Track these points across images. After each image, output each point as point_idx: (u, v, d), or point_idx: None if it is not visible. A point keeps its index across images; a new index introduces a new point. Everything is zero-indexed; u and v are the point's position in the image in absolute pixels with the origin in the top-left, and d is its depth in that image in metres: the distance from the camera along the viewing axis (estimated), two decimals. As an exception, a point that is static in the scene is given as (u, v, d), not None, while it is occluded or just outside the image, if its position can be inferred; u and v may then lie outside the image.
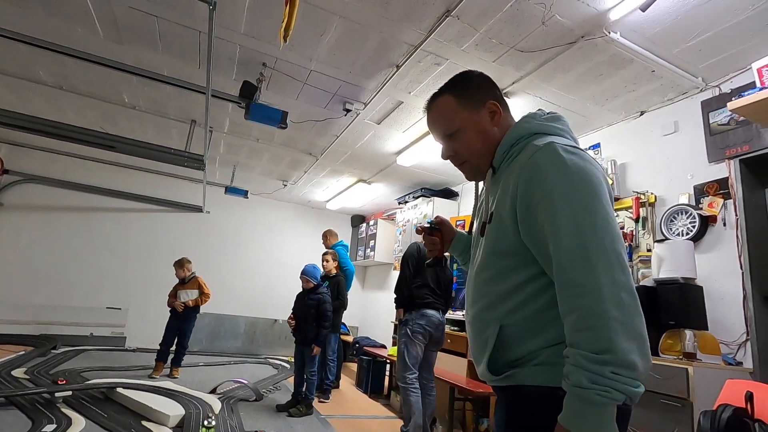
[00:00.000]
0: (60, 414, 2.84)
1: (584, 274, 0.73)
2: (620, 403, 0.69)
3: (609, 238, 0.75)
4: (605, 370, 0.68)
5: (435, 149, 4.18)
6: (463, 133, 0.99)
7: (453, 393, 3.15)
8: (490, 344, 0.87)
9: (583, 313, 0.72)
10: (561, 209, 0.78)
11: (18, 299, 5.63)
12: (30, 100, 4.16)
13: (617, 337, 0.68)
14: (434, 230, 1.20)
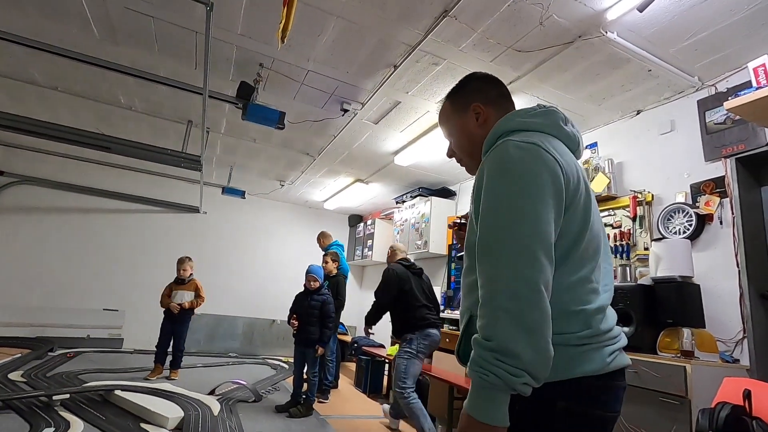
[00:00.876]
0: (58, 417, 2.82)
1: (488, 266, 0.77)
2: (504, 388, 0.71)
3: (522, 234, 0.76)
4: (489, 354, 0.71)
5: (432, 149, 4.20)
6: (455, 136, 1.07)
7: (452, 392, 3.16)
8: (460, 333, 0.92)
9: (482, 302, 0.76)
10: (486, 205, 0.82)
11: (13, 301, 5.59)
12: (24, 101, 4.12)
13: (502, 326, 0.71)
14: (464, 226, 1.23)
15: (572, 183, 0.84)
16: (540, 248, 0.75)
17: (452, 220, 5.02)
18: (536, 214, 0.77)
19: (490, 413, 0.72)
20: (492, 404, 0.72)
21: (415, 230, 5.32)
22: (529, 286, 0.73)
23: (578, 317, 0.81)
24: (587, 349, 0.81)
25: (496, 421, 0.71)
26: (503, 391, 0.71)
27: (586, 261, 0.85)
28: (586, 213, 0.86)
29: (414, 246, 5.27)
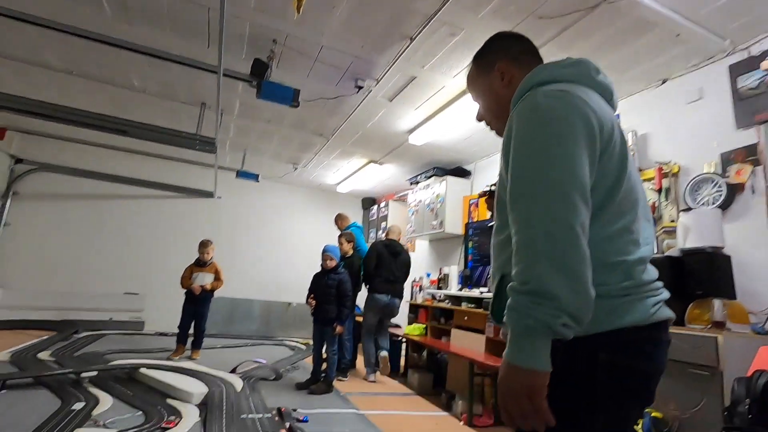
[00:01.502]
0: (87, 393, 2.90)
1: (521, 212, 0.76)
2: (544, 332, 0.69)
3: (555, 176, 0.74)
4: (526, 299, 0.70)
5: (448, 126, 4.12)
6: (482, 98, 1.06)
7: (472, 369, 3.16)
8: (493, 293, 0.90)
9: (516, 248, 0.75)
10: (517, 153, 0.80)
11: (38, 286, 5.73)
12: (39, 87, 4.15)
13: (538, 269, 0.70)
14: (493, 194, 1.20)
15: (606, 130, 0.81)
16: (574, 190, 0.73)
17: (468, 199, 4.97)
18: (569, 157, 0.75)
19: (531, 358, 0.70)
20: (532, 349, 0.70)
21: (430, 211, 5.28)
22: (564, 227, 0.71)
23: (619, 268, 0.79)
24: (630, 299, 0.79)
25: (537, 365, 0.70)
26: (543, 335, 0.69)
27: (625, 211, 0.83)
28: (622, 162, 0.83)
29: (429, 226, 5.24)
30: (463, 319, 3.83)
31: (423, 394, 3.90)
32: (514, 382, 0.71)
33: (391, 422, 2.94)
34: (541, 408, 0.69)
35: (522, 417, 0.71)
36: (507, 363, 0.72)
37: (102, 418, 2.47)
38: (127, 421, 2.48)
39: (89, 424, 2.35)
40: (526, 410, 0.70)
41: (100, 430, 2.29)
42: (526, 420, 0.71)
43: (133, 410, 2.68)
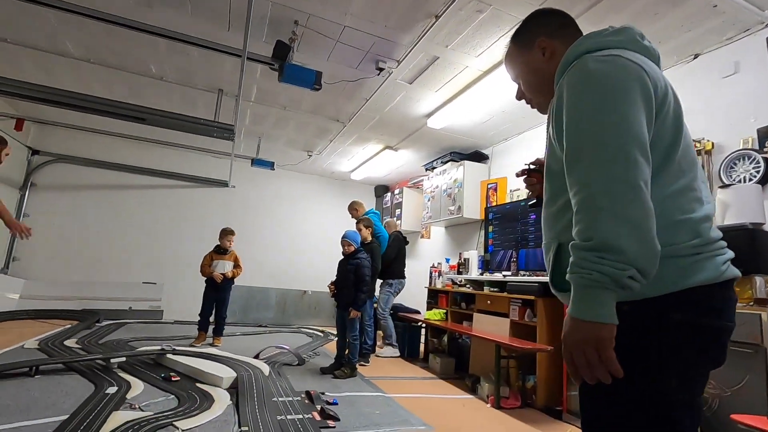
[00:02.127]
0: (118, 378, 2.93)
1: (581, 173, 0.76)
2: (610, 286, 0.69)
3: (614, 134, 0.74)
4: (590, 254, 0.71)
5: (467, 109, 4.07)
6: (523, 76, 1.06)
7: (499, 351, 3.15)
8: (551, 262, 0.91)
9: (578, 208, 0.75)
10: (572, 117, 0.80)
11: (58, 276, 5.80)
12: (58, 76, 4.14)
13: (602, 224, 0.70)
14: (533, 171, 1.18)
15: (660, 89, 0.81)
16: (634, 147, 0.73)
17: (486, 184, 4.92)
18: (626, 115, 0.75)
19: (597, 311, 0.70)
20: (598, 303, 0.70)
21: (447, 196, 5.24)
22: (627, 183, 0.71)
23: (685, 226, 0.79)
24: (700, 258, 0.78)
25: (603, 317, 0.70)
26: (609, 289, 0.70)
27: (685, 170, 0.82)
28: (677, 120, 0.83)
29: (447, 212, 5.21)
30: (486, 303, 3.81)
31: (445, 378, 3.90)
32: (581, 335, 0.71)
33: (418, 405, 2.94)
34: (609, 358, 0.70)
35: (588, 369, 0.71)
36: (572, 319, 0.73)
37: (136, 401, 2.50)
38: (161, 404, 2.51)
39: (125, 407, 2.37)
40: (594, 362, 0.70)
41: (137, 412, 2.31)
42: (592, 371, 0.71)
43: (165, 394, 2.70)
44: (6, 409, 2.23)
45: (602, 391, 0.74)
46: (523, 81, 1.06)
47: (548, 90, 0.98)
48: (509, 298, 3.51)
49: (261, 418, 2.34)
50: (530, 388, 3.19)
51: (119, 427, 2.04)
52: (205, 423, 2.25)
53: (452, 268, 4.86)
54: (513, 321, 3.42)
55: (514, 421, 2.79)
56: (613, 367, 0.70)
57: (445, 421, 2.65)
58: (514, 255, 3.85)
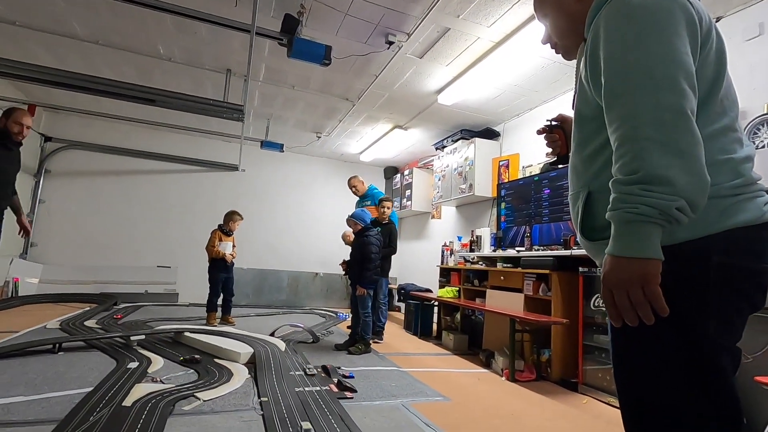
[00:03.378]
0: (139, 354, 2.99)
1: (623, 106, 0.72)
2: (657, 219, 0.66)
3: (659, 63, 0.70)
4: (634, 188, 0.68)
5: (478, 83, 3.99)
6: (551, 17, 1.02)
7: (514, 325, 3.15)
8: (580, 211, 0.88)
9: (619, 143, 0.72)
10: (612, 49, 0.76)
11: (75, 261, 5.91)
12: (66, 59, 4.14)
13: (649, 155, 0.67)
14: (555, 128, 1.13)
15: (705, 21, 0.77)
16: (681, 75, 0.70)
17: (498, 161, 4.86)
18: (671, 44, 0.71)
19: (642, 247, 0.67)
20: (644, 238, 0.67)
21: (458, 174, 5.19)
22: (674, 111, 0.68)
23: (726, 166, 0.76)
24: (741, 198, 0.75)
25: (649, 252, 0.67)
26: (655, 223, 0.67)
27: (727, 109, 0.79)
28: (720, 57, 0.79)
29: (457, 191, 5.17)
30: (500, 279, 3.80)
31: (459, 354, 3.93)
32: (625, 273, 0.68)
33: (433, 378, 2.97)
34: (656, 295, 0.67)
35: (630, 309, 0.69)
36: (614, 258, 0.70)
37: (157, 375, 2.55)
38: (181, 378, 2.56)
39: (147, 380, 2.43)
40: (638, 300, 0.68)
41: (159, 385, 2.36)
42: (635, 311, 0.68)
43: (185, 369, 2.76)
44: (33, 381, 2.29)
45: (639, 334, 0.72)
46: (551, 23, 1.02)
47: (578, 32, 0.94)
48: (523, 273, 3.49)
49: (279, 389, 2.37)
50: (545, 362, 3.20)
51: (143, 398, 2.09)
52: (226, 394, 2.29)
53: (464, 246, 4.84)
54: (527, 296, 3.40)
55: (529, 392, 2.80)
56: (659, 304, 0.67)
57: (461, 393, 2.67)
58: (528, 230, 3.82)
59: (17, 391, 2.12)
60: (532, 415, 2.36)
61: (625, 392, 0.80)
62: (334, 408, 2.14)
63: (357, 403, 2.32)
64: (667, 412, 0.73)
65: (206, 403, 2.14)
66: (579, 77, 0.90)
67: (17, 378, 2.32)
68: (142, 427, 1.75)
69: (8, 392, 2.10)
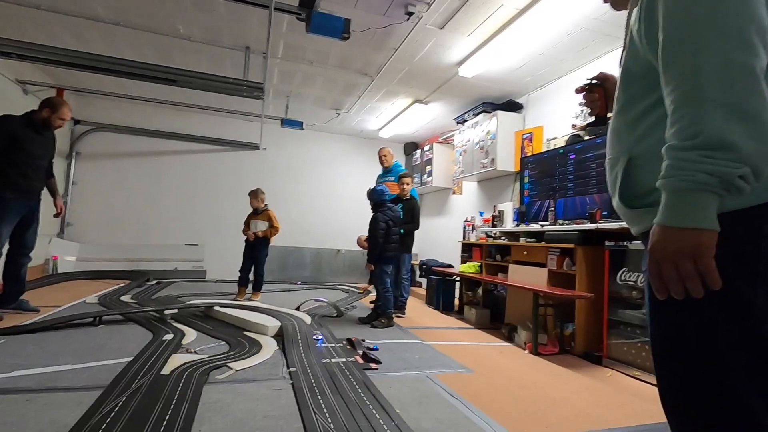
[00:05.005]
0: (173, 327, 3.14)
1: (682, 64, 0.66)
2: (716, 188, 0.61)
3: (726, 14, 0.63)
4: (692, 154, 0.62)
5: (501, 54, 3.88)
6: None
7: (537, 299, 3.14)
8: (620, 177, 0.83)
9: (678, 104, 0.66)
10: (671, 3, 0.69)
11: (108, 240, 6.16)
12: (89, 42, 4.20)
13: (711, 118, 0.61)
14: (595, 86, 1.08)
15: None
16: (751, 29, 0.63)
17: (521, 134, 4.75)
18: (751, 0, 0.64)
19: (698, 216, 0.63)
20: (701, 207, 0.63)
21: (479, 149, 5.10)
22: (742, 70, 0.62)
23: None
24: None
25: (705, 223, 0.63)
26: (714, 192, 0.62)
27: None
28: None
29: (479, 165, 5.09)
30: (522, 254, 3.78)
31: (481, 328, 3.96)
32: (676, 245, 0.64)
33: (456, 351, 3.01)
34: (709, 267, 0.63)
35: (678, 282, 0.65)
36: (664, 228, 0.66)
37: (191, 346, 2.68)
38: (213, 349, 2.68)
39: (182, 351, 2.55)
40: (688, 273, 0.64)
41: (193, 355, 2.47)
42: (683, 284, 0.65)
43: (216, 341, 2.88)
44: (78, 351, 2.44)
45: (683, 304, 0.68)
46: None
47: None
48: (547, 248, 3.45)
49: (307, 360, 2.46)
50: (568, 336, 3.20)
51: (179, 367, 2.20)
52: (257, 364, 2.39)
53: (486, 221, 4.80)
54: (551, 270, 3.38)
55: (552, 365, 2.82)
56: (712, 278, 0.63)
57: (484, 365, 2.71)
58: (552, 205, 3.76)
59: (64, 360, 2.27)
60: (556, 386, 2.38)
61: (665, 367, 0.77)
62: (360, 378, 2.21)
63: (382, 374, 2.38)
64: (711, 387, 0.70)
65: (238, 372, 2.24)
66: (630, 31, 0.83)
67: (63, 348, 2.48)
68: (180, 393, 1.85)
69: (57, 361, 2.25)
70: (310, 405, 1.83)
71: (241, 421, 1.67)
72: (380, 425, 1.67)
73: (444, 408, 1.94)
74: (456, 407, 1.96)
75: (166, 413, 1.65)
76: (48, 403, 1.74)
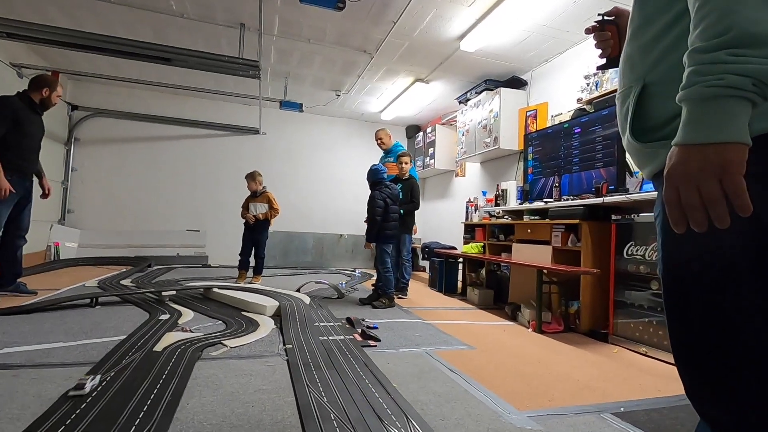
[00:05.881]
0: (170, 308, 3.10)
1: None
2: (748, 93, 0.51)
3: None
4: (720, 54, 0.53)
5: (504, 26, 3.74)
6: None
7: (541, 276, 3.06)
8: (631, 107, 0.73)
9: (700, 4, 0.56)
10: None
11: (109, 226, 6.14)
12: (82, 20, 4.11)
13: (742, 6, 0.52)
14: (606, 23, 0.98)
15: None
16: None
17: (525, 111, 4.62)
18: None
19: (728, 128, 0.53)
20: (730, 116, 0.53)
21: (482, 128, 4.98)
22: None
23: None
24: None
25: (731, 134, 0.53)
26: (745, 98, 0.52)
27: None
28: None
29: (482, 145, 4.97)
30: (526, 232, 3.69)
31: (484, 308, 3.90)
32: (698, 163, 0.54)
33: (458, 329, 2.95)
34: (739, 187, 0.53)
35: (700, 208, 0.55)
36: (685, 147, 0.56)
37: (187, 325, 2.63)
38: (209, 328, 2.63)
39: (177, 330, 2.50)
40: (712, 196, 0.54)
41: (188, 333, 2.43)
42: (705, 211, 0.55)
43: (213, 320, 2.83)
44: (71, 330, 2.41)
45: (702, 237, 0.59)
46: None
47: None
48: (551, 225, 3.36)
49: (304, 338, 2.40)
50: (573, 314, 3.12)
51: (172, 344, 2.15)
52: (252, 342, 2.34)
53: (489, 201, 4.71)
54: (555, 247, 3.29)
55: (557, 343, 2.75)
56: (741, 201, 0.53)
57: (486, 343, 2.64)
58: (557, 181, 3.65)
59: (56, 338, 2.23)
60: (560, 362, 2.31)
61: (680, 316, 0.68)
62: (357, 355, 2.15)
63: (380, 351, 2.32)
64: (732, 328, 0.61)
65: (233, 349, 2.19)
66: None
67: (57, 327, 2.44)
68: (171, 369, 1.80)
69: (48, 339, 2.21)
70: (304, 379, 1.77)
71: (231, 395, 1.62)
72: (375, 398, 1.61)
73: (443, 382, 1.88)
74: (455, 381, 1.90)
75: (155, 387, 1.60)
76: (36, 378, 1.70)
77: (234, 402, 1.56)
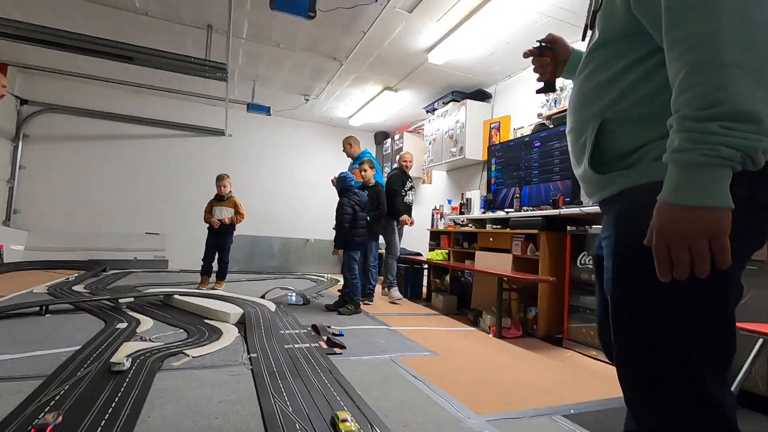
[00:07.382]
0: (128, 315, 2.99)
1: (696, 23, 0.58)
2: (735, 163, 0.56)
3: None
4: (712, 125, 0.56)
5: (470, 41, 3.88)
6: None
7: (501, 284, 3.18)
8: (590, 143, 0.77)
9: (692, 69, 0.58)
10: None
11: (62, 228, 5.82)
12: (37, 13, 3.91)
13: (734, 84, 0.55)
14: (544, 49, 1.05)
15: None
16: None
17: (489, 123, 4.79)
18: None
19: (718, 194, 0.57)
20: (717, 183, 0.57)
21: (449, 137, 5.12)
22: (763, 30, 0.56)
23: None
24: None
25: (721, 200, 0.57)
26: (729, 167, 0.57)
27: None
28: None
29: (448, 154, 5.11)
30: (489, 240, 3.82)
31: (448, 314, 3.99)
32: (692, 226, 0.58)
33: (422, 336, 3.02)
34: (725, 248, 0.58)
35: (688, 264, 0.60)
36: (677, 207, 0.59)
37: (146, 334, 2.56)
38: (170, 337, 2.57)
39: (136, 339, 2.43)
40: (702, 255, 0.59)
41: (147, 343, 2.36)
42: (693, 266, 0.60)
43: (174, 329, 2.76)
44: (20, 341, 2.28)
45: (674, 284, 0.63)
46: None
47: None
48: (512, 234, 3.51)
49: (269, 346, 2.39)
50: (531, 319, 3.26)
51: (131, 355, 2.09)
52: (215, 351, 2.30)
53: (454, 209, 4.84)
54: (515, 256, 3.43)
55: (515, 347, 2.87)
56: (724, 258, 0.58)
57: (449, 349, 2.72)
58: (518, 192, 3.81)
59: (2, 350, 2.11)
60: (518, 367, 2.41)
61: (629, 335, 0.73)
62: (323, 363, 2.17)
63: (346, 358, 2.35)
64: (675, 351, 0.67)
65: (195, 359, 2.15)
66: None
67: (2, 338, 2.31)
68: (130, 381, 1.75)
69: (-6, 351, 2.09)
70: (269, 389, 1.77)
71: (195, 406, 1.60)
72: (340, 406, 1.63)
73: (407, 389, 1.93)
74: (418, 388, 1.95)
75: (112, 401, 1.56)
76: (-19, 393, 1.61)
77: (197, 414, 1.54)
